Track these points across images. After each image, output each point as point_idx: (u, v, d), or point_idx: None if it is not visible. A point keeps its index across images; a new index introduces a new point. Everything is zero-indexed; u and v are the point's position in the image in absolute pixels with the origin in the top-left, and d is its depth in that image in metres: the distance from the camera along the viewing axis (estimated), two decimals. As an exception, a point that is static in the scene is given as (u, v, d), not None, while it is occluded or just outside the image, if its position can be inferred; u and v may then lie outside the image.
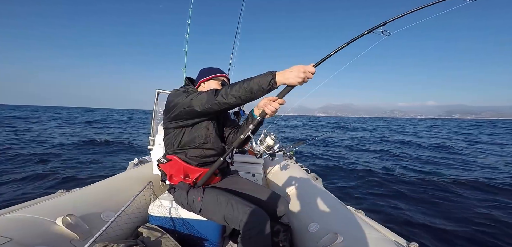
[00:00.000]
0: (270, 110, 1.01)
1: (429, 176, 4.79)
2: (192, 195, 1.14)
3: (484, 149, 8.86)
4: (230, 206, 1.04)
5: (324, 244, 1.04)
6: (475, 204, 3.25)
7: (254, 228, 0.95)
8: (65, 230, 1.01)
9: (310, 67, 0.91)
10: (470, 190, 3.94)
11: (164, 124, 1.22)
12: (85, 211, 1.16)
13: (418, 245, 0.85)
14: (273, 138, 1.07)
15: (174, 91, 1.18)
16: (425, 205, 3.20)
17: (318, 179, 1.84)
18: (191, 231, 1.24)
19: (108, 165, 4.95)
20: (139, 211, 1.30)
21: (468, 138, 13.13)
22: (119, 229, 1.17)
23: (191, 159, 1.17)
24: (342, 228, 1.06)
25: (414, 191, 3.91)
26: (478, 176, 4.61)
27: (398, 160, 6.59)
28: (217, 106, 1.00)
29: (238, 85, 0.97)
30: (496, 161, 6.39)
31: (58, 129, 11.48)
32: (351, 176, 4.92)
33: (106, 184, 1.47)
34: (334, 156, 7.06)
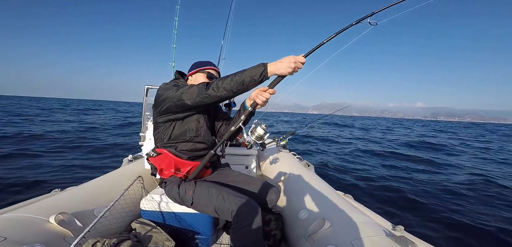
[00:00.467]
0: (261, 100, 1.02)
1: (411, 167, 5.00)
2: (184, 188, 1.15)
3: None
4: (221, 197, 1.05)
5: (312, 230, 1.04)
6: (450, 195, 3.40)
7: (246, 218, 0.96)
8: (59, 228, 1.04)
9: (300, 57, 0.93)
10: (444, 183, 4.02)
11: (154, 119, 1.21)
12: (78, 208, 1.19)
13: (404, 228, 0.85)
14: (263, 127, 1.07)
15: (164, 85, 1.17)
16: (410, 192, 3.34)
17: (310, 166, 1.84)
18: (183, 225, 1.26)
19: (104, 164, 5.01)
20: (131, 206, 1.33)
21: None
22: (112, 224, 1.19)
23: (181, 152, 1.17)
24: (330, 214, 1.06)
25: (399, 179, 4.04)
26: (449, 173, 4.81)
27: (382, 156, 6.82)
28: (208, 99, 1.00)
29: (229, 77, 0.97)
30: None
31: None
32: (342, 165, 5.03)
33: (100, 181, 1.50)
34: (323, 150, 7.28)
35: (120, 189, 1.34)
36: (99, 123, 11.19)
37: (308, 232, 1.06)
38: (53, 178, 3.39)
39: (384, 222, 0.95)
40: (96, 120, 12.71)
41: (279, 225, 1.29)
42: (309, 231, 1.06)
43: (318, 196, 1.26)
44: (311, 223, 1.08)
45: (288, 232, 1.25)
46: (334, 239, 0.91)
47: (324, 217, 1.05)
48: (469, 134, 17.34)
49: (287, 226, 1.28)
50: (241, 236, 0.95)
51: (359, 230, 0.89)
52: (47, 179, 3.30)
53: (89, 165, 4.29)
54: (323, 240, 0.95)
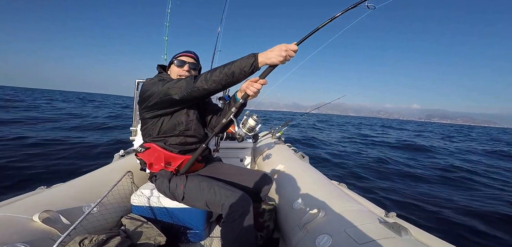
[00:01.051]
0: (252, 91, 0.98)
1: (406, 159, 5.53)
2: (175, 183, 1.12)
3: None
4: (212, 191, 1.03)
5: (307, 220, 1.03)
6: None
7: (237, 211, 0.94)
8: (43, 226, 0.99)
9: (291, 45, 0.89)
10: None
11: (140, 114, 1.17)
12: (65, 205, 1.14)
13: (396, 215, 0.84)
14: (255, 118, 1.04)
15: (148, 80, 1.13)
16: (402, 181, 3.61)
17: (305, 158, 1.83)
18: (175, 220, 1.23)
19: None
20: (121, 202, 1.29)
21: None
22: (101, 221, 1.16)
23: (171, 146, 1.14)
24: (324, 203, 1.06)
25: (392, 170, 4.23)
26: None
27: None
28: (197, 93, 0.97)
29: (218, 70, 0.93)
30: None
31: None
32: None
33: (89, 177, 1.45)
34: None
35: (110, 185, 1.30)
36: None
37: (302, 222, 1.05)
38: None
39: (377, 210, 0.94)
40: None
41: (272, 216, 1.29)
42: (303, 220, 1.05)
43: (312, 186, 1.25)
44: (305, 213, 1.07)
45: (282, 223, 1.24)
46: (328, 228, 0.90)
47: (318, 207, 1.04)
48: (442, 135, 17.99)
49: (281, 217, 1.28)
50: (233, 228, 0.93)
51: (352, 218, 0.89)
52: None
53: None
54: (317, 229, 0.94)
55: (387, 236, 0.73)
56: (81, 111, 12.65)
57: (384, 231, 0.76)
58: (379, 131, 16.46)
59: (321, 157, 5.42)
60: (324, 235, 0.88)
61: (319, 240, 0.87)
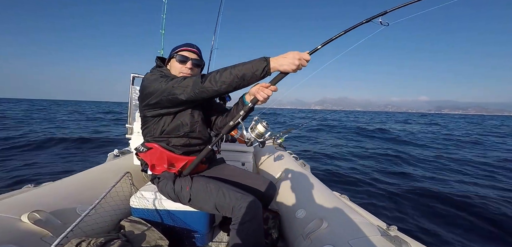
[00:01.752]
0: (263, 97, 0.95)
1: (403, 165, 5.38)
2: (180, 184, 1.09)
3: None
4: (221, 193, 1.01)
5: (310, 230, 1.07)
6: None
7: (247, 214, 0.93)
8: (33, 227, 0.92)
9: (305, 55, 0.87)
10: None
11: (141, 112, 1.11)
12: (57, 206, 1.06)
13: (397, 228, 0.91)
14: (264, 125, 1.04)
15: (149, 74, 1.07)
16: (402, 192, 3.50)
17: (306, 166, 1.89)
18: (177, 223, 1.20)
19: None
20: (120, 204, 1.23)
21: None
22: (99, 223, 1.10)
23: (174, 147, 1.10)
24: (327, 214, 1.10)
25: (393, 178, 4.31)
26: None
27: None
28: (206, 94, 0.93)
29: (228, 70, 0.90)
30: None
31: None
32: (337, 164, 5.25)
33: (82, 177, 1.36)
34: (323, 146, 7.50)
35: (105, 185, 1.23)
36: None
37: (306, 232, 1.08)
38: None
39: (378, 222, 1.01)
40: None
41: (276, 223, 1.31)
42: (306, 230, 1.09)
43: (315, 196, 1.30)
44: (308, 223, 1.11)
45: (286, 231, 1.27)
46: (332, 239, 0.94)
47: (322, 217, 1.08)
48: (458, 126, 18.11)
49: (284, 225, 1.31)
50: (243, 232, 0.93)
51: (356, 230, 0.94)
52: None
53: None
54: (321, 239, 0.98)
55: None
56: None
57: (386, 244, 0.82)
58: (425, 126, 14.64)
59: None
60: (329, 246, 0.92)
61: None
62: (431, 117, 43.26)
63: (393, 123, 19.33)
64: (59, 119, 13.53)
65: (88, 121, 13.25)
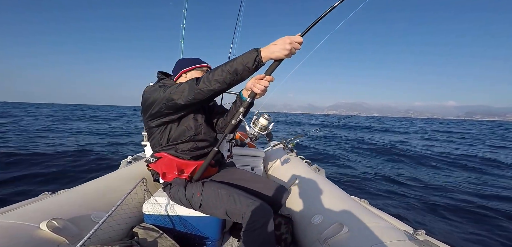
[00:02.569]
0: (260, 89, 0.92)
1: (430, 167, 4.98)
2: (191, 190, 1.09)
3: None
4: (232, 199, 0.99)
5: (328, 235, 1.01)
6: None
7: (258, 220, 0.91)
8: (51, 235, 0.93)
9: (296, 37, 0.82)
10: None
11: (145, 125, 1.12)
12: (73, 213, 1.08)
13: (425, 232, 0.84)
14: (266, 117, 1.01)
15: (148, 87, 1.09)
16: (430, 194, 3.27)
17: (321, 170, 1.81)
18: (189, 229, 1.18)
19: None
20: (133, 210, 1.23)
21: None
22: (113, 230, 1.09)
23: (182, 153, 1.11)
24: (347, 219, 1.04)
25: (418, 180, 4.00)
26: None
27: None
28: (201, 95, 0.93)
29: (220, 68, 0.89)
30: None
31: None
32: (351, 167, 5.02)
33: (96, 184, 1.38)
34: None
35: (120, 192, 1.24)
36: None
37: (323, 237, 1.02)
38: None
39: (404, 227, 0.94)
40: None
41: (289, 228, 1.26)
42: (324, 235, 1.03)
43: (332, 200, 1.23)
44: (326, 228, 1.05)
45: (300, 237, 1.21)
46: (353, 244, 0.88)
47: (341, 222, 1.02)
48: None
49: (298, 231, 1.25)
50: (254, 239, 0.90)
51: (379, 235, 0.87)
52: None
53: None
54: (340, 245, 0.92)
55: (419, 255, 0.72)
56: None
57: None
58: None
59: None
60: (350, 251, 0.86)
61: (345, 256, 0.85)
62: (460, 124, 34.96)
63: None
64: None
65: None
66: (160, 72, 1.22)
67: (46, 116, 18.47)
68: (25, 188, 3.16)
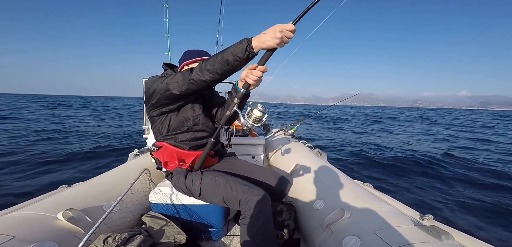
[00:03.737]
0: (253, 80, 0.91)
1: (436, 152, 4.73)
2: (191, 179, 1.12)
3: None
4: (229, 187, 1.01)
5: (331, 220, 0.99)
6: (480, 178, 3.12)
7: (255, 207, 0.92)
8: (68, 224, 1.01)
9: (287, 25, 0.79)
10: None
11: (148, 113, 1.16)
12: (87, 204, 1.16)
13: (433, 217, 0.79)
14: (260, 109, 0.98)
15: (151, 78, 1.12)
16: (436, 179, 3.14)
17: (322, 155, 1.77)
18: (193, 217, 1.23)
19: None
20: (140, 200, 1.30)
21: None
22: (123, 219, 1.17)
23: (182, 143, 1.13)
24: (349, 203, 1.01)
25: (423, 166, 3.84)
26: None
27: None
28: (195, 85, 0.93)
29: (212, 58, 0.89)
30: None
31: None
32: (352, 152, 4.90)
33: (107, 176, 1.47)
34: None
35: (127, 183, 1.31)
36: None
37: (325, 222, 1.01)
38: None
39: (410, 211, 0.89)
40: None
41: (292, 214, 1.26)
42: (326, 221, 1.01)
43: (334, 185, 1.20)
44: (328, 213, 1.03)
45: (303, 223, 1.21)
46: (356, 229, 0.86)
47: (343, 207, 1.00)
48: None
49: (301, 216, 1.24)
50: (251, 225, 0.91)
51: (383, 219, 0.84)
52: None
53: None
54: (343, 230, 0.90)
55: (425, 240, 0.68)
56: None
57: (421, 235, 0.71)
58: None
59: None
60: (352, 236, 0.84)
61: (346, 241, 0.83)
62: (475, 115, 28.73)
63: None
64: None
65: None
66: (165, 64, 1.23)
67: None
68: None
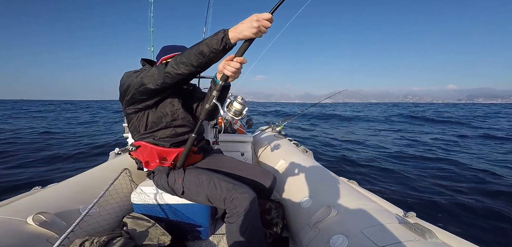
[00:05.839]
0: (230, 71, 0.86)
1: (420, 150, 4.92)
2: (173, 177, 1.07)
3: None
4: (212, 184, 0.98)
5: (318, 218, 0.99)
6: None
7: (241, 205, 0.89)
8: (39, 229, 0.93)
9: (264, 14, 0.76)
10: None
11: (124, 111, 1.08)
12: (61, 207, 1.07)
13: (415, 215, 0.80)
14: (240, 101, 0.94)
15: (125, 74, 1.04)
16: (420, 178, 3.24)
17: (309, 152, 1.77)
18: (179, 217, 1.18)
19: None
20: (121, 201, 1.23)
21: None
22: (102, 222, 1.10)
23: (161, 140, 1.08)
24: (336, 201, 1.01)
25: (406, 164, 3.99)
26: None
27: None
28: (170, 79, 0.89)
29: (187, 51, 0.85)
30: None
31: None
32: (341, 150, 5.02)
33: (85, 177, 1.38)
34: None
35: (107, 184, 1.23)
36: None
37: (313, 221, 1.00)
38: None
39: (394, 209, 0.90)
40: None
41: (280, 213, 1.25)
42: (313, 219, 1.01)
43: (320, 183, 1.20)
44: (315, 212, 1.03)
45: (291, 221, 1.20)
46: (343, 228, 0.86)
47: (330, 205, 0.99)
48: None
49: (289, 215, 1.24)
50: (238, 225, 0.88)
51: (369, 217, 0.84)
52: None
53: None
54: (330, 228, 0.90)
55: (410, 239, 0.68)
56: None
57: (406, 233, 0.72)
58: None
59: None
60: (339, 235, 0.83)
61: (334, 240, 0.83)
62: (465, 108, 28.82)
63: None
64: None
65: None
66: (143, 59, 1.16)
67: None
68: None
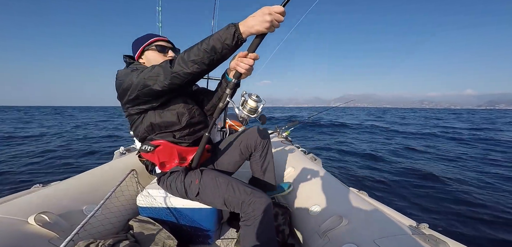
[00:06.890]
0: (244, 68, 0.82)
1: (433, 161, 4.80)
2: (190, 178, 1.04)
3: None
4: (231, 188, 0.96)
5: (327, 227, 0.98)
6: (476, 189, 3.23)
7: (258, 209, 0.88)
8: (41, 230, 0.89)
9: (276, 7, 0.72)
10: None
11: (125, 111, 1.03)
12: (64, 207, 1.04)
13: (428, 226, 0.81)
14: (254, 99, 0.93)
15: (120, 71, 0.99)
16: (432, 188, 3.17)
17: (317, 160, 1.77)
18: (185, 221, 1.16)
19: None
20: (127, 203, 1.20)
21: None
22: (106, 224, 1.07)
23: (181, 139, 1.05)
24: (346, 210, 1.01)
25: (418, 175, 3.89)
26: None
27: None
28: (179, 79, 0.84)
29: (196, 47, 0.80)
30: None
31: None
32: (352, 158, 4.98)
33: (89, 176, 1.34)
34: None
35: (112, 184, 1.20)
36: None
37: (322, 229, 1.00)
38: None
39: (406, 220, 0.91)
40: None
41: (287, 219, 1.24)
42: (323, 228, 1.00)
43: (330, 191, 1.20)
44: (325, 220, 1.02)
45: (298, 228, 1.19)
46: (354, 237, 0.85)
47: (340, 214, 0.99)
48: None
49: (295, 222, 1.23)
50: (254, 229, 0.87)
51: (381, 228, 0.84)
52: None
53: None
54: (341, 238, 0.89)
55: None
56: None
57: (420, 244, 0.72)
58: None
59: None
60: (350, 244, 0.83)
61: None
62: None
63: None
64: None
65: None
66: (126, 55, 1.10)
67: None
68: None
